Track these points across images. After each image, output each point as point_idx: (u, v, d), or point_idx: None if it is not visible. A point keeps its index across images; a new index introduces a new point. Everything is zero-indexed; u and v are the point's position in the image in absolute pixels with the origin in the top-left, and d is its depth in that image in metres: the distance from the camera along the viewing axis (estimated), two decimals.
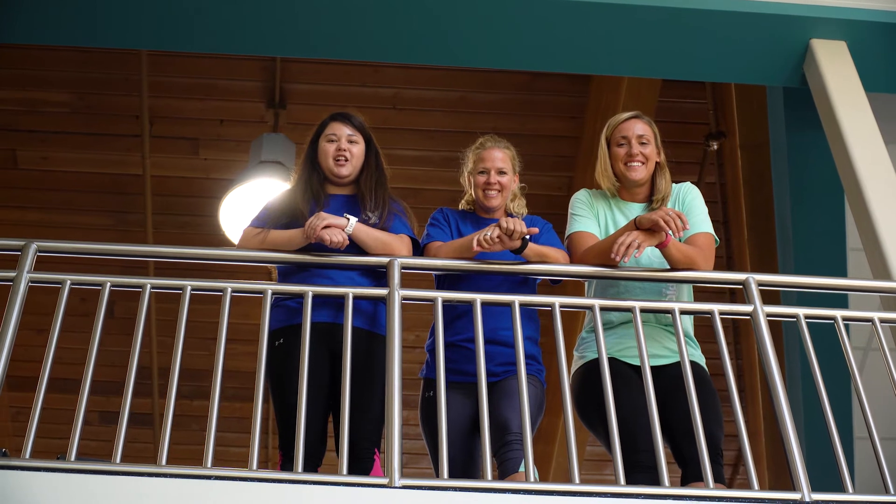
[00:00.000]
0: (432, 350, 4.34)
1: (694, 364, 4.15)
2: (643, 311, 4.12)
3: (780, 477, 7.84)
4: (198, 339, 6.02)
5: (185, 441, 6.84)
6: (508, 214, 4.63)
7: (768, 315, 4.13)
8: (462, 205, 4.73)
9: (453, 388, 4.16)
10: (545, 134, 8.86)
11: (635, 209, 4.57)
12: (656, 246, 4.25)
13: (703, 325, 4.29)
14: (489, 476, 3.56)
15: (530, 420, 3.81)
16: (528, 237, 4.25)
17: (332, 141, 4.56)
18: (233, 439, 9.31)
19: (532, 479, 3.62)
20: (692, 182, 4.73)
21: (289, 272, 4.40)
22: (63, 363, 5.19)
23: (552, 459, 9.59)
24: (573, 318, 7.47)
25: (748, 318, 4.17)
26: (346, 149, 4.53)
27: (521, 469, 4.05)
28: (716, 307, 4.14)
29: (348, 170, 4.54)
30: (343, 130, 4.57)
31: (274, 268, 4.50)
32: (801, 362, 6.54)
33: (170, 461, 3.56)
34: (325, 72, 8.61)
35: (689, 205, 4.56)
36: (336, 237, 4.22)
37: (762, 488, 8.63)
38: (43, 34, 6.17)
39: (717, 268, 4.49)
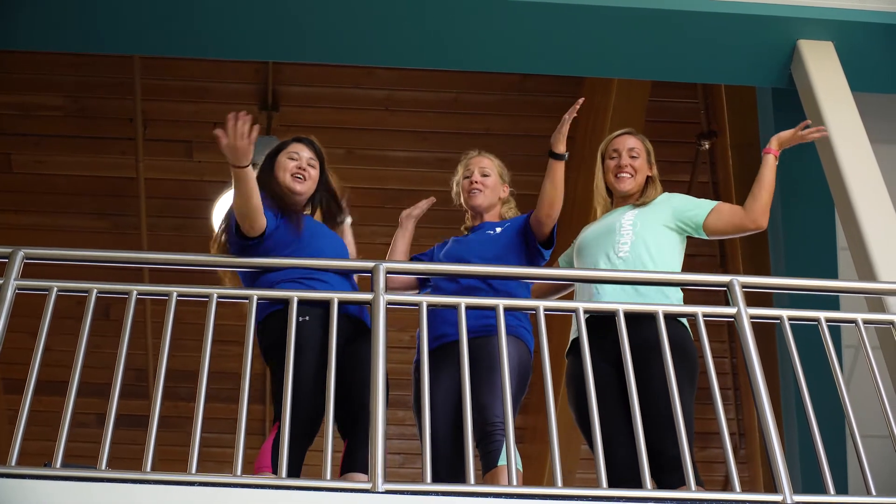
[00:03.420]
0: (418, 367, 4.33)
1: (671, 331, 4.11)
2: (627, 313, 4.11)
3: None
4: (194, 340, 6.03)
5: (182, 443, 6.85)
6: (501, 217, 4.80)
7: (752, 317, 4.13)
8: (466, 222, 4.89)
9: (436, 361, 4.23)
10: (538, 134, 8.84)
11: (621, 210, 4.65)
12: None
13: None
14: (472, 480, 3.57)
15: (512, 401, 3.83)
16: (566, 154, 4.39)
17: (294, 159, 4.61)
18: (230, 440, 9.33)
19: (515, 470, 3.62)
20: (686, 181, 4.76)
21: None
22: (58, 365, 5.23)
23: (547, 458, 9.58)
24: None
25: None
26: (305, 168, 4.59)
27: (501, 462, 4.08)
28: (699, 309, 4.13)
29: (305, 188, 4.59)
30: (305, 152, 4.64)
31: None
32: None
33: (166, 463, 3.60)
34: (318, 74, 8.63)
35: (682, 200, 4.66)
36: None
37: (756, 486, 8.65)
38: (37, 40, 6.19)
39: (708, 267, 4.50)
